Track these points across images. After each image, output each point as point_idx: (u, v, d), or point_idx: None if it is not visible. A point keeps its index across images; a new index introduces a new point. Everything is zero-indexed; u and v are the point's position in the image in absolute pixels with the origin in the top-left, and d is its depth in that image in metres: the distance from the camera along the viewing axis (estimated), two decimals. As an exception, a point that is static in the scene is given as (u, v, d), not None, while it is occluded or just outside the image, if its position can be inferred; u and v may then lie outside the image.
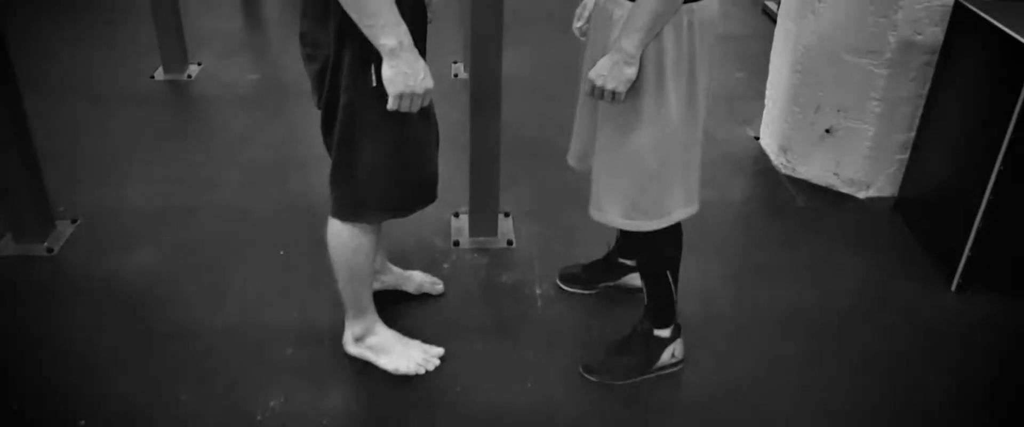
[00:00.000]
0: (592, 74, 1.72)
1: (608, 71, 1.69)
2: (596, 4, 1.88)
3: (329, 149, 1.87)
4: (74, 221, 2.69)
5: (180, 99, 3.67)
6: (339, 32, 1.68)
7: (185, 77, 3.80)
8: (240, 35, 4.45)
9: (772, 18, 4.55)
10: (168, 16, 3.73)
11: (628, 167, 1.82)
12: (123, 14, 4.55)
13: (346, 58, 1.70)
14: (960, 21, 2.55)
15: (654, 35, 1.69)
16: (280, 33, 4.52)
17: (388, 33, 1.60)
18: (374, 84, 1.71)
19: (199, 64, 3.92)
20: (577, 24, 2.01)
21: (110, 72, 3.83)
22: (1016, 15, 2.46)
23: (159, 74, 3.81)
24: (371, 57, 1.69)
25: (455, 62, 3.94)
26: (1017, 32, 2.29)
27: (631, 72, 1.69)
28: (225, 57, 4.04)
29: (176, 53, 3.81)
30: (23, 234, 2.57)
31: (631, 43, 1.66)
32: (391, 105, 1.67)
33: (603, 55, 1.80)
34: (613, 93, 1.71)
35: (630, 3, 1.75)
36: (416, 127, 1.84)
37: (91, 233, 2.64)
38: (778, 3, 4.55)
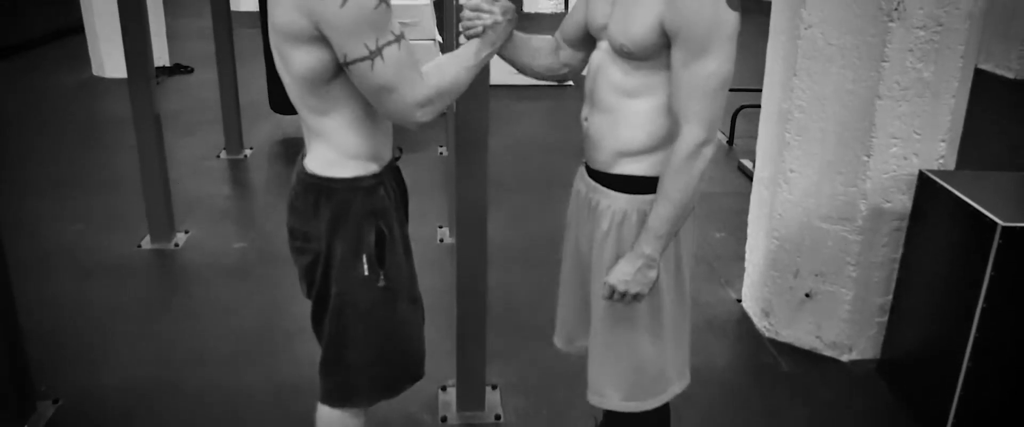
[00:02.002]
0: (614, 280, 1.73)
1: (631, 277, 1.72)
2: (577, 193, 1.95)
3: (319, 338, 1.89)
4: (56, 402, 2.65)
5: (167, 269, 3.70)
6: (331, 226, 1.74)
7: (172, 245, 3.85)
8: (227, 201, 4.53)
9: (747, 175, 4.70)
10: (156, 184, 3.81)
11: (626, 353, 1.84)
12: (110, 183, 4.63)
13: (338, 251, 1.75)
14: (926, 190, 2.66)
15: (672, 239, 1.75)
16: (267, 199, 4.61)
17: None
18: (365, 273, 1.75)
19: (186, 232, 3.97)
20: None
21: (96, 242, 3.86)
22: (979, 184, 2.57)
23: (146, 243, 3.85)
24: (362, 248, 1.74)
25: (441, 227, 4.01)
26: (981, 203, 2.39)
27: (653, 274, 1.73)
28: (212, 224, 4.10)
29: (163, 221, 3.87)
30: (2, 416, 2.53)
31: (655, 248, 1.71)
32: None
33: (587, 245, 1.86)
34: (635, 295, 1.75)
35: (616, 193, 1.82)
36: (405, 311, 1.87)
37: (73, 415, 2.61)
38: (752, 162, 4.74)
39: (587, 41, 1.93)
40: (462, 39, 1.85)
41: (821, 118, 2.76)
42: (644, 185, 1.77)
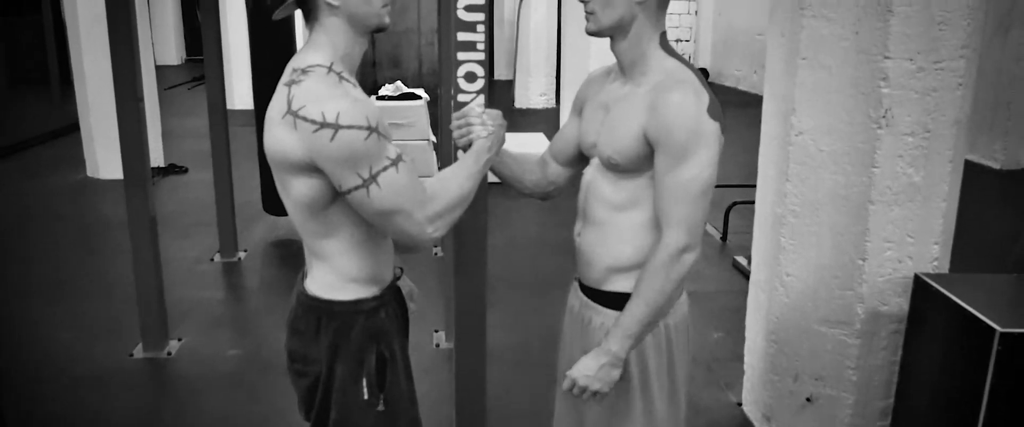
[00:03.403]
0: (576, 373, 1.74)
1: (594, 373, 1.72)
2: (571, 308, 1.96)
3: (318, 460, 1.85)
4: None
5: (159, 379, 3.64)
6: (332, 349, 1.73)
7: (165, 354, 3.80)
8: (221, 307, 4.50)
9: (743, 273, 4.71)
10: (150, 290, 3.78)
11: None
12: (102, 288, 4.61)
13: (338, 374, 1.73)
14: (922, 294, 2.67)
15: (641, 340, 1.75)
16: (261, 303, 4.59)
17: None
18: (365, 397, 1.74)
19: (180, 339, 3.93)
20: None
21: (87, 351, 3.82)
22: (976, 287, 2.58)
23: (138, 351, 3.80)
24: (362, 372, 1.73)
25: (437, 331, 3.98)
26: (978, 308, 2.40)
27: (617, 373, 1.73)
28: (206, 331, 4.07)
29: (156, 329, 3.83)
30: None
31: (622, 348, 1.71)
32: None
33: (582, 361, 1.86)
34: (595, 393, 1.74)
35: (608, 310, 1.83)
36: (405, 429, 1.84)
37: None
38: (747, 259, 4.76)
39: (575, 159, 1.98)
40: (459, 153, 1.89)
41: (815, 223, 2.79)
42: None
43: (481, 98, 2.08)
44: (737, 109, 11.36)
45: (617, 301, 1.79)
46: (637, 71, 1.76)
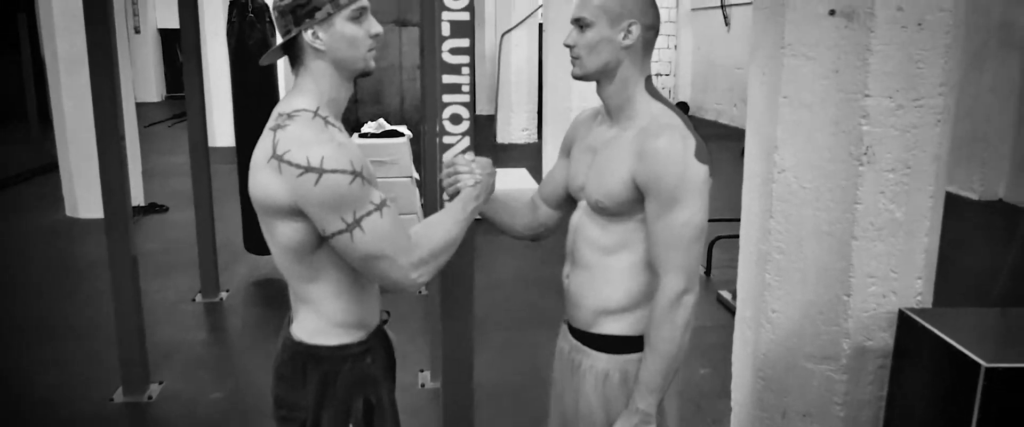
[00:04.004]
0: None
1: None
2: (561, 351, 1.95)
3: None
4: None
5: (140, 425, 3.58)
6: (318, 395, 1.71)
7: (145, 398, 3.74)
8: (203, 348, 4.45)
9: (728, 308, 4.72)
10: (131, 332, 3.73)
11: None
12: (81, 331, 4.55)
13: (324, 420, 1.72)
14: (907, 329, 2.68)
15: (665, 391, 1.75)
16: (244, 344, 4.54)
17: None
18: (351, 443, 1.72)
19: (160, 382, 3.87)
20: None
21: (66, 396, 3.75)
22: (960, 322, 2.59)
23: (118, 396, 3.74)
24: (349, 418, 1.71)
25: (421, 371, 3.95)
26: (963, 343, 2.41)
27: None
28: (188, 374, 4.01)
29: (137, 372, 3.77)
30: None
31: (649, 404, 1.72)
32: None
33: (573, 406, 1.85)
34: None
35: (597, 353, 1.82)
36: (391, 479, 1.82)
37: None
38: (732, 294, 4.77)
39: (565, 202, 1.98)
40: (445, 196, 1.89)
41: (800, 259, 2.79)
42: (625, 345, 1.79)
43: (470, 152, 2.08)
44: (718, 142, 11.47)
45: (607, 344, 1.78)
46: (624, 115, 1.78)
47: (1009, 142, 7.74)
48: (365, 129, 6.06)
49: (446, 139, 2.10)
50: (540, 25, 10.50)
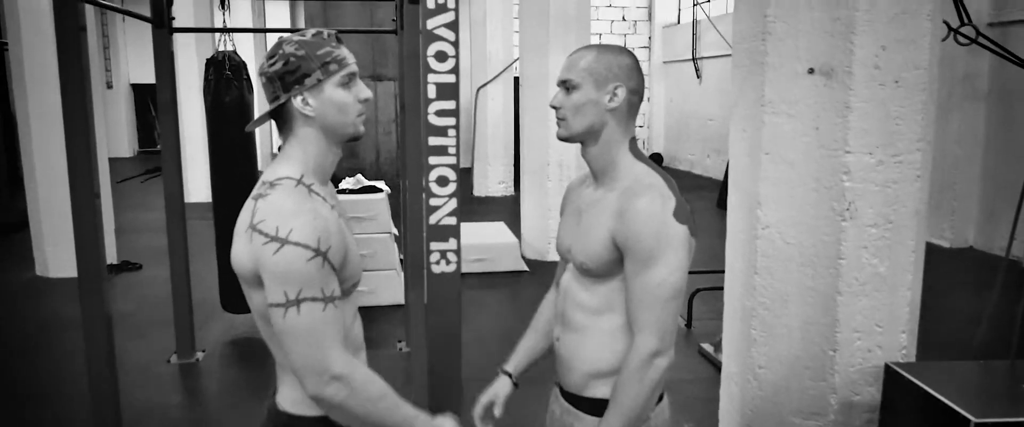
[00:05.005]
0: None
1: None
2: (552, 414, 1.93)
3: None
4: None
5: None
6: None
7: (119, 465, 3.64)
8: (178, 412, 4.34)
9: (710, 360, 4.71)
10: (105, 396, 3.60)
11: None
12: (52, 395, 4.43)
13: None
14: (893, 384, 2.68)
15: None
16: (222, 406, 4.43)
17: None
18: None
19: (135, 448, 3.77)
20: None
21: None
22: (946, 376, 2.60)
23: (91, 465, 3.64)
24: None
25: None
26: (950, 397, 2.41)
27: None
28: (162, 438, 3.91)
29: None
30: None
31: None
32: None
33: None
34: None
35: (588, 417, 1.80)
36: None
37: None
38: (714, 347, 4.75)
39: None
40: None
41: (785, 315, 2.80)
42: None
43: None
44: (693, 192, 11.57)
45: (598, 407, 1.76)
46: (608, 177, 1.79)
47: (977, 191, 7.88)
48: (343, 185, 6.04)
49: (433, 201, 2.09)
50: (516, 78, 10.61)
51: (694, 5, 13.73)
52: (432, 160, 2.09)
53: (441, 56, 2.05)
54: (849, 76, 2.54)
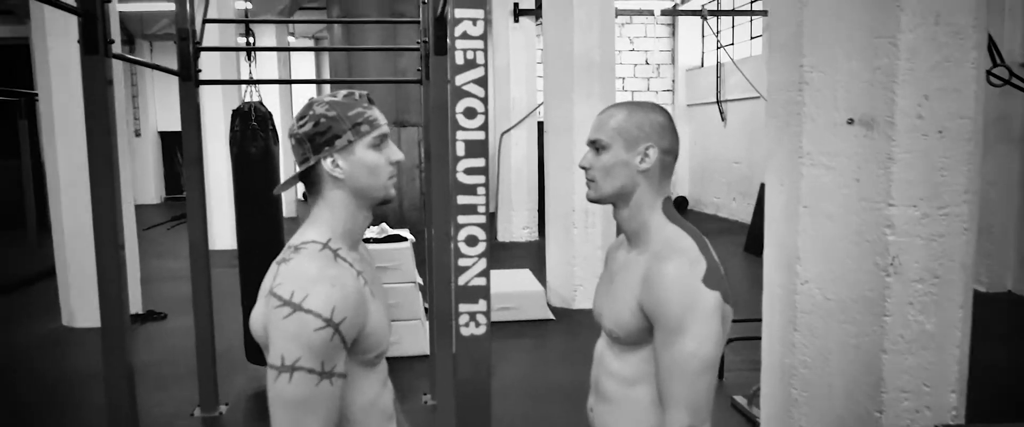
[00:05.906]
0: None
1: None
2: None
3: None
4: None
5: None
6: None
7: (140, 525, 3.56)
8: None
9: (743, 414, 4.56)
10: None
11: None
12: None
13: None
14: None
15: None
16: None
17: None
18: None
19: (156, 507, 3.69)
20: None
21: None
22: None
23: (111, 522, 3.56)
24: None
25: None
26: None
27: None
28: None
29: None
30: None
31: None
32: None
33: None
34: None
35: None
36: None
37: None
38: (747, 399, 4.61)
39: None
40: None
41: (826, 373, 2.69)
42: None
43: None
44: (718, 236, 11.43)
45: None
46: (640, 239, 1.71)
47: (1013, 234, 7.71)
48: (367, 234, 6.00)
49: (462, 261, 2.02)
50: (539, 123, 10.59)
51: (718, 48, 13.72)
52: (461, 219, 2.02)
53: (470, 113, 1.99)
54: (891, 126, 2.47)
